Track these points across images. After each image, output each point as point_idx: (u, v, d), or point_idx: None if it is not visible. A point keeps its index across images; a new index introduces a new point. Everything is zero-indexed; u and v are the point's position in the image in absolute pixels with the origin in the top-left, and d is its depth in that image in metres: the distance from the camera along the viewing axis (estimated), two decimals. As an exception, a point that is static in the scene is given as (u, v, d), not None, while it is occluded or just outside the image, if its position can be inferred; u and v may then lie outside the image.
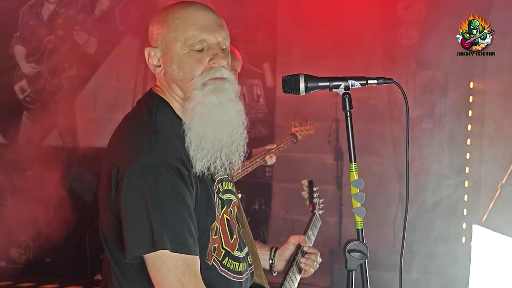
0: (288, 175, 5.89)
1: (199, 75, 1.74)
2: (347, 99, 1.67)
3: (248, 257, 1.94)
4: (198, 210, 1.70)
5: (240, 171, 3.97)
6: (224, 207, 1.83)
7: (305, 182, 3.31)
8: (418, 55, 5.43)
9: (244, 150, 1.85)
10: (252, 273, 1.97)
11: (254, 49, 5.84)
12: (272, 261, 2.21)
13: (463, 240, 4.67)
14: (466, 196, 4.78)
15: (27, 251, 5.94)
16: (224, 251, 1.79)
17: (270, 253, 2.22)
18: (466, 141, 4.86)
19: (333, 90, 1.70)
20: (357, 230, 1.68)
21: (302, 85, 1.69)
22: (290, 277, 2.07)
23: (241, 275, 1.85)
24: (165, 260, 1.59)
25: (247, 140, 1.86)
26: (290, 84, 1.71)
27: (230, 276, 1.81)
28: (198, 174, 1.70)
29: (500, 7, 4.39)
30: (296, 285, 2.15)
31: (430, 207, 4.95)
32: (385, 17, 5.65)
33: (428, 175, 5.10)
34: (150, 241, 1.59)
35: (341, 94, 1.69)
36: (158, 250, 1.58)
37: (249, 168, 4.03)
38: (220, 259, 1.78)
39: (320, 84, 1.70)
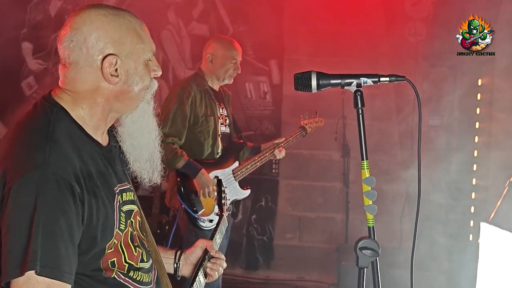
0: (295, 172, 5.89)
1: (148, 87, 1.80)
2: (359, 97, 1.67)
3: (154, 267, 1.91)
4: (93, 228, 1.61)
5: (249, 166, 3.98)
6: (126, 220, 1.76)
7: (214, 181, 3.29)
8: (426, 52, 5.42)
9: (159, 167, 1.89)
10: (159, 284, 1.94)
11: (261, 46, 5.84)
12: (176, 265, 2.14)
13: (471, 238, 4.65)
14: (473, 194, 4.77)
15: None
16: (127, 265, 1.74)
17: (175, 257, 2.15)
18: (474, 138, 4.84)
19: (345, 87, 1.69)
20: (369, 228, 1.68)
21: (314, 83, 1.69)
22: (197, 283, 2.02)
23: (148, 285, 1.83)
24: (26, 283, 1.44)
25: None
26: (302, 82, 1.70)
27: (135, 286, 1.77)
28: (92, 190, 1.62)
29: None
30: None
31: (438, 205, 4.94)
32: (393, 14, 5.64)
33: (435, 173, 5.09)
34: (22, 264, 1.45)
35: (353, 91, 1.68)
36: (26, 272, 1.44)
37: (258, 163, 4.02)
38: (125, 272, 1.73)
39: (332, 81, 1.69)
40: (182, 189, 3.73)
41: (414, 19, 5.63)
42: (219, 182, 2.75)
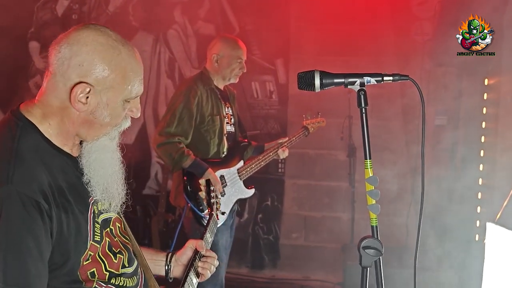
0: (301, 171, 5.89)
1: (117, 124, 1.77)
2: (362, 96, 1.67)
3: (138, 270, 1.89)
4: (65, 244, 1.60)
5: (253, 165, 3.98)
6: (101, 231, 1.74)
7: (202, 182, 3.28)
8: (432, 51, 5.40)
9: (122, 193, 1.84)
10: (145, 285, 1.94)
11: (267, 46, 5.84)
12: (168, 266, 2.13)
13: (477, 238, 4.64)
14: (480, 194, 4.75)
15: None
16: (108, 273, 1.73)
17: (166, 259, 2.14)
18: (480, 138, 4.83)
19: (348, 86, 1.69)
20: (372, 227, 1.68)
21: (317, 82, 1.69)
22: (188, 282, 2.01)
23: None
24: None
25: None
26: (306, 81, 1.71)
27: None
28: (62, 204, 1.61)
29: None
30: None
31: (444, 205, 4.93)
32: (399, 13, 5.62)
33: (441, 173, 5.08)
34: None
35: (356, 90, 1.69)
36: None
37: (262, 163, 4.03)
38: (106, 281, 1.73)
39: (335, 80, 1.70)
40: (189, 188, 3.73)
41: (421, 19, 5.61)
42: (207, 182, 2.85)
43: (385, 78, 1.68)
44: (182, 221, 3.81)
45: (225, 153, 3.94)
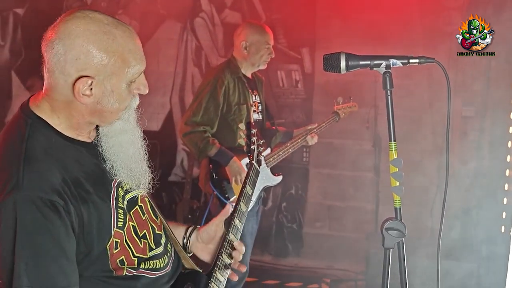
0: (325, 160, 5.89)
1: (126, 106, 1.74)
2: (388, 78, 1.68)
3: (168, 247, 1.91)
4: (88, 234, 1.62)
5: (281, 152, 3.99)
6: (127, 213, 1.75)
7: (242, 126, 3.09)
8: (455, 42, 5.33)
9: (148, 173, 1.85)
10: (178, 261, 1.95)
11: (293, 35, 5.83)
12: (186, 240, 2.10)
13: (503, 230, 4.61)
14: (506, 185, 4.72)
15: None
16: (136, 259, 1.75)
17: (186, 232, 2.12)
18: (508, 129, 4.78)
19: (374, 68, 1.71)
20: (395, 208, 1.70)
21: (343, 63, 1.71)
22: (220, 264, 2.00)
23: (164, 268, 1.84)
24: None
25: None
26: (331, 62, 1.73)
27: (152, 274, 1.79)
28: (80, 197, 1.61)
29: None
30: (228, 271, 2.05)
31: (469, 196, 4.90)
32: (427, 2, 5.56)
33: (468, 164, 5.04)
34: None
35: (382, 73, 1.70)
36: None
37: (290, 150, 4.04)
38: (135, 266, 1.74)
39: (361, 62, 1.71)
40: (214, 176, 3.78)
41: (449, 8, 5.55)
42: (248, 125, 2.55)
43: (411, 60, 1.69)
44: (209, 207, 3.85)
45: (251, 141, 3.96)
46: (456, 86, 5.33)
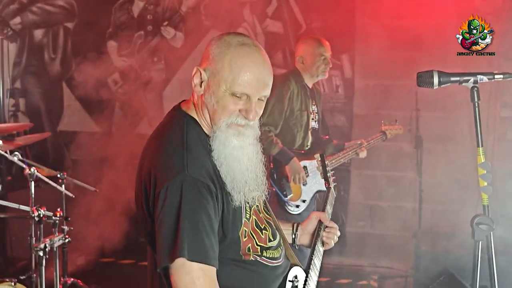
0: (366, 162, 6.07)
1: (228, 117, 1.92)
2: (475, 92, 1.91)
3: (281, 241, 2.17)
4: (226, 221, 1.89)
5: (334, 161, 4.28)
6: (251, 208, 2.01)
7: (317, 156, 3.34)
8: (499, 46, 5.49)
9: (264, 182, 2.08)
10: (286, 256, 2.21)
11: (333, 41, 6.01)
12: (295, 235, 2.38)
13: None
14: None
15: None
16: (259, 247, 2.00)
17: (293, 228, 2.40)
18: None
19: (463, 84, 1.94)
20: (483, 206, 1.93)
21: (436, 80, 1.94)
22: (317, 250, 2.28)
23: (279, 259, 2.10)
24: (182, 266, 1.74)
25: (266, 173, 2.12)
26: (425, 80, 1.96)
27: (271, 263, 2.04)
28: (223, 187, 1.89)
29: None
30: (321, 257, 2.34)
31: (508, 197, 5.02)
32: (463, 8, 5.72)
33: (506, 165, 5.18)
34: (173, 252, 1.75)
35: (469, 87, 1.93)
36: (177, 258, 1.74)
37: (342, 159, 4.34)
38: (259, 254, 2.00)
39: (452, 79, 1.94)
40: (275, 174, 4.04)
41: (485, 13, 5.68)
42: (322, 156, 2.92)
43: (496, 76, 1.92)
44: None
45: (308, 146, 4.24)
46: (494, 87, 5.47)
